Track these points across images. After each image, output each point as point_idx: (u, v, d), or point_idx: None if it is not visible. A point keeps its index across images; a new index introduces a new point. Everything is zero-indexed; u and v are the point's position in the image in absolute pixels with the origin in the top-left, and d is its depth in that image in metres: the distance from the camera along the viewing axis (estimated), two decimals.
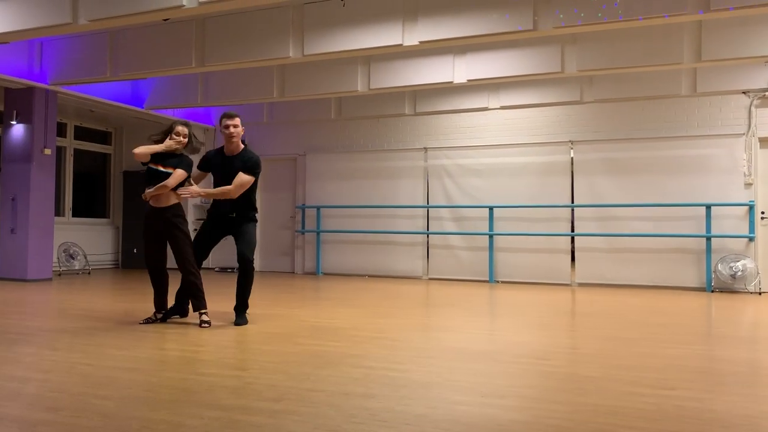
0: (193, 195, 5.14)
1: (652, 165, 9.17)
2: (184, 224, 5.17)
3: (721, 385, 3.33)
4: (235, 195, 5.11)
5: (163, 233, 5.15)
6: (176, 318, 5.38)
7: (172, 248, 5.13)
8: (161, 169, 5.08)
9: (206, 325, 5.02)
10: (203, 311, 5.10)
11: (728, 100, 8.85)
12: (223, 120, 5.23)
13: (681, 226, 8.97)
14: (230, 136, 5.18)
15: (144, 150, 5.09)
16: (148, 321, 5.21)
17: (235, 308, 5.29)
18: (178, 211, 5.18)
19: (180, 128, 5.18)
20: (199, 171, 5.47)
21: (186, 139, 5.19)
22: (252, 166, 5.16)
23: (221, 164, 5.27)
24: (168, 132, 5.18)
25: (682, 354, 4.16)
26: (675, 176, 9.04)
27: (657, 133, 9.20)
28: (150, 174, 5.11)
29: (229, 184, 5.12)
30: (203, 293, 5.15)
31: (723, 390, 3.23)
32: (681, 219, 8.99)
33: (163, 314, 5.30)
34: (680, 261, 8.96)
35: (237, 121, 5.21)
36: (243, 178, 5.09)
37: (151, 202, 5.15)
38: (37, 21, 6.23)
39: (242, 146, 5.27)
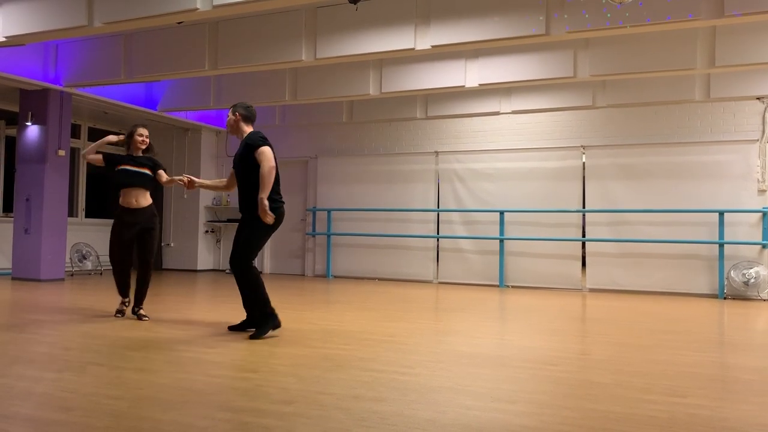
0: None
1: (665, 170, 9.11)
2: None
3: (734, 393, 3.31)
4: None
5: (142, 230, 5.52)
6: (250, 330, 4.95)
7: (146, 244, 5.53)
8: (137, 169, 5.50)
9: (146, 318, 5.44)
10: (141, 306, 5.58)
11: (742, 106, 8.78)
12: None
13: (693, 233, 8.91)
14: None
15: (93, 151, 5.57)
16: (121, 313, 5.62)
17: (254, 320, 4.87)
18: (155, 209, 5.68)
19: (141, 129, 5.64)
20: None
21: (149, 140, 5.66)
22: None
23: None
24: (130, 135, 5.60)
25: (695, 361, 4.14)
26: (688, 182, 8.98)
27: (670, 139, 9.15)
28: (127, 174, 5.47)
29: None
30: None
31: (735, 398, 3.21)
32: (693, 225, 8.93)
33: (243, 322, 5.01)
34: (692, 267, 8.90)
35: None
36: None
37: (132, 202, 5.50)
38: (53, 23, 6.30)
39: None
